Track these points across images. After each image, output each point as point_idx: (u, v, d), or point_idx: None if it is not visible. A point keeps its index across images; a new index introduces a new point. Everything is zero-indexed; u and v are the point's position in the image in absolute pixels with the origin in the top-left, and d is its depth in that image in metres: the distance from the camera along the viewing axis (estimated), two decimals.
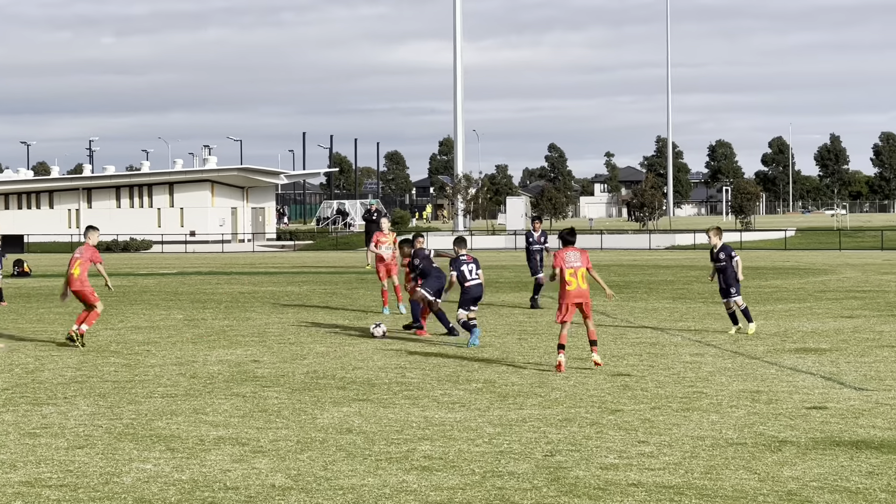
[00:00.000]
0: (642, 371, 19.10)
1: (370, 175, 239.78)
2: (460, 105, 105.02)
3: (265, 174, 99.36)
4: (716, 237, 24.89)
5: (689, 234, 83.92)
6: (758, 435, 13.79)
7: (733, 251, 24.94)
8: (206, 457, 12.76)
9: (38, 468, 12.26)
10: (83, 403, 16.25)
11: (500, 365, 19.96)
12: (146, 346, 23.00)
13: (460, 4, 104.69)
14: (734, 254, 24.85)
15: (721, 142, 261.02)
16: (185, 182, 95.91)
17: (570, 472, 12.02)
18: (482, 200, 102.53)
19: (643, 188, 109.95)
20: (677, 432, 14.00)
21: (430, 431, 14.14)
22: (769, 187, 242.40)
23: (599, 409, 15.58)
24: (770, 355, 21.00)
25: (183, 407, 15.94)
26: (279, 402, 16.31)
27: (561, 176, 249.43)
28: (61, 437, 13.91)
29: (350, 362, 20.33)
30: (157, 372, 19.35)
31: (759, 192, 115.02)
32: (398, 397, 16.64)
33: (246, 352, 21.87)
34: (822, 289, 37.18)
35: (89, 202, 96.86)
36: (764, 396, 16.49)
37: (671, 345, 22.62)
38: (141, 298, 35.19)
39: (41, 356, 21.42)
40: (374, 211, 55.47)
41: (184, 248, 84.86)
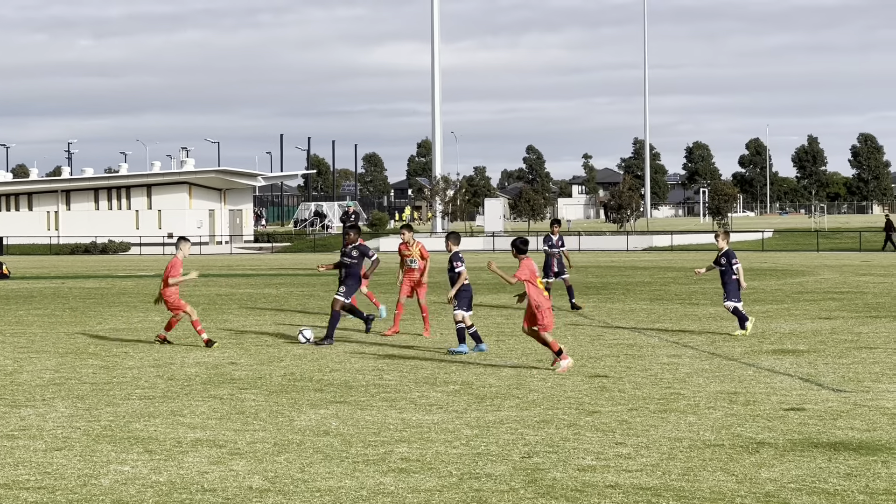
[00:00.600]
0: (620, 372, 19.14)
1: (348, 177, 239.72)
2: (438, 107, 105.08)
3: (243, 176, 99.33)
4: (723, 241, 25.16)
5: (667, 235, 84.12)
6: (735, 436, 13.83)
7: (734, 257, 25.08)
8: (183, 459, 12.75)
9: (15, 470, 12.23)
10: (61, 405, 16.22)
11: (477, 367, 19.97)
12: (124, 347, 22.96)
13: (438, 6, 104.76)
14: (735, 260, 25.01)
15: (698, 143, 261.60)
16: (162, 184, 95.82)
17: (548, 473, 12.04)
18: (460, 202, 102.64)
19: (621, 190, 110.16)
20: (655, 434, 14.03)
21: (407, 433, 14.15)
22: (746, 189, 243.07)
23: (577, 411, 15.61)
24: (748, 356, 21.07)
25: (161, 409, 15.92)
26: (256, 404, 16.30)
27: (539, 178, 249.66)
28: (39, 438, 13.88)
29: (327, 364, 20.33)
30: (135, 374, 19.32)
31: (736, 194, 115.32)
32: (375, 399, 16.65)
33: (223, 354, 21.85)
34: (800, 290, 37.32)
35: (68, 204, 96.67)
36: (741, 398, 16.54)
37: (648, 346, 22.67)
38: (119, 300, 35.12)
39: (20, 358, 21.36)
40: (352, 213, 55.46)
41: (162, 250, 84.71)
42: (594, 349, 22.23)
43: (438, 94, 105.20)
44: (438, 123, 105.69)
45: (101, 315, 30.05)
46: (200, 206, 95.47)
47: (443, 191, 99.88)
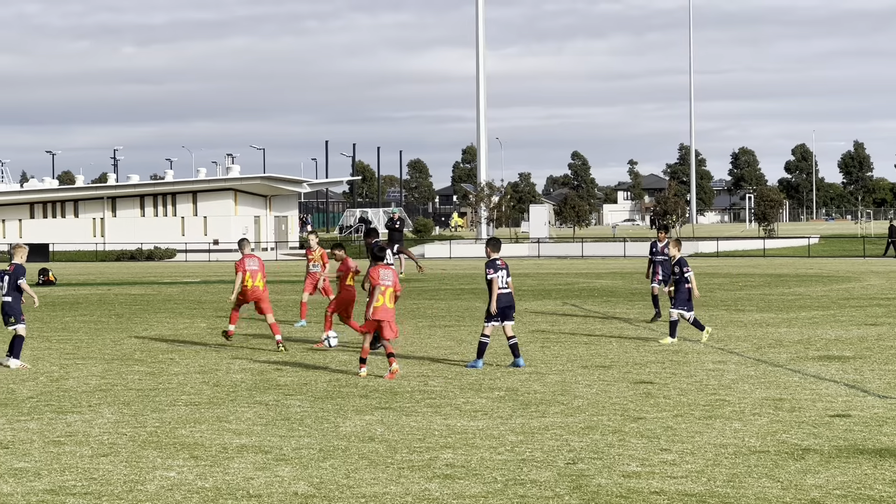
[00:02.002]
0: (665, 379, 19.09)
1: (393, 183, 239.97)
2: (483, 113, 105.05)
3: (288, 182, 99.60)
4: (675, 249, 24.83)
5: (713, 241, 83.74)
6: (781, 443, 13.77)
7: (687, 266, 24.61)
8: (229, 464, 12.81)
9: (62, 476, 12.32)
10: (107, 411, 16.32)
11: (522, 373, 19.96)
12: (170, 354, 23.07)
13: (483, 12, 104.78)
14: (687, 269, 24.57)
15: (744, 149, 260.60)
16: (208, 191, 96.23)
17: (593, 480, 12.02)
18: (505, 208, 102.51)
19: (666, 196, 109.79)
20: (700, 440, 13.99)
21: (452, 439, 14.16)
22: (792, 194, 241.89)
23: (622, 417, 15.58)
24: (793, 363, 20.96)
25: (206, 415, 15.99)
26: (302, 410, 16.35)
27: (584, 184, 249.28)
28: (86, 445, 13.97)
29: (372, 370, 20.35)
30: (181, 380, 19.41)
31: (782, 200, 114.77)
32: (420, 405, 16.66)
33: (269, 360, 21.92)
34: (846, 296, 37.09)
35: (114, 211, 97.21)
36: (787, 404, 16.46)
37: (693, 352, 22.59)
38: (165, 307, 35.30)
39: (66, 364, 21.50)
40: (397, 219, 55.53)
41: (207, 257, 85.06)
42: (639, 355, 22.17)
43: (483, 101, 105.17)
44: (483, 129, 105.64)
45: (146, 321, 30.21)
46: (246, 212, 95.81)
47: (488, 197, 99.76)
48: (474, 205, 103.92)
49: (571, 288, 43.34)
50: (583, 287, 43.83)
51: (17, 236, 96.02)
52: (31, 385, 18.94)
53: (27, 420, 15.69)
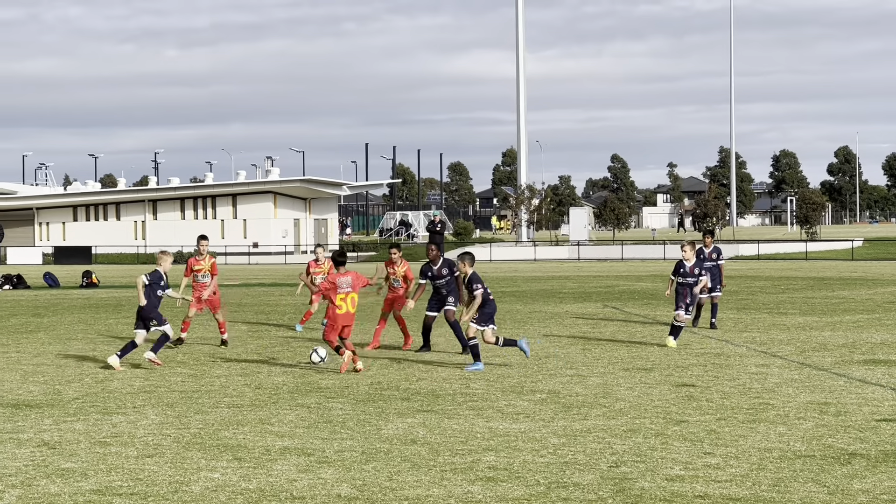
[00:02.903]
0: (707, 382, 19.02)
1: (433, 186, 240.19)
2: (523, 115, 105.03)
3: (328, 185, 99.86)
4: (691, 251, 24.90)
5: (753, 244, 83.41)
6: (826, 447, 13.70)
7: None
8: (272, 467, 12.84)
9: (108, 476, 12.39)
10: (152, 413, 16.40)
11: (564, 375, 19.93)
12: (211, 356, 23.15)
13: (522, 14, 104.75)
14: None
15: (785, 151, 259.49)
16: (248, 193, 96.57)
17: (636, 483, 11.99)
18: (545, 211, 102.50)
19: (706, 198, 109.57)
20: (744, 444, 13.93)
21: (494, 442, 14.15)
22: (835, 197, 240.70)
23: (664, 420, 15.53)
24: (838, 367, 20.85)
25: (249, 417, 16.04)
26: (344, 412, 16.38)
27: (624, 186, 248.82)
28: (131, 445, 14.04)
29: (414, 373, 20.37)
30: (223, 382, 19.48)
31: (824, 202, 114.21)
32: (462, 408, 16.66)
33: (310, 363, 21.93)
34: (892, 300, 36.86)
35: (155, 214, 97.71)
36: (832, 408, 16.37)
37: (736, 355, 22.50)
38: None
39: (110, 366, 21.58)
40: (438, 222, 55.54)
41: (247, 260, 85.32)
42: (681, 358, 22.10)
43: (523, 103, 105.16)
44: (523, 132, 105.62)
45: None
46: (285, 215, 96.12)
47: (528, 200, 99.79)
48: (514, 207, 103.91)
49: (612, 290, 43.27)
50: (623, 289, 43.75)
51: (60, 239, 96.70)
52: (77, 386, 19.05)
53: (73, 421, 15.79)
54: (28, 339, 26.40)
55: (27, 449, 13.88)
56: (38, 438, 14.54)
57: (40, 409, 16.83)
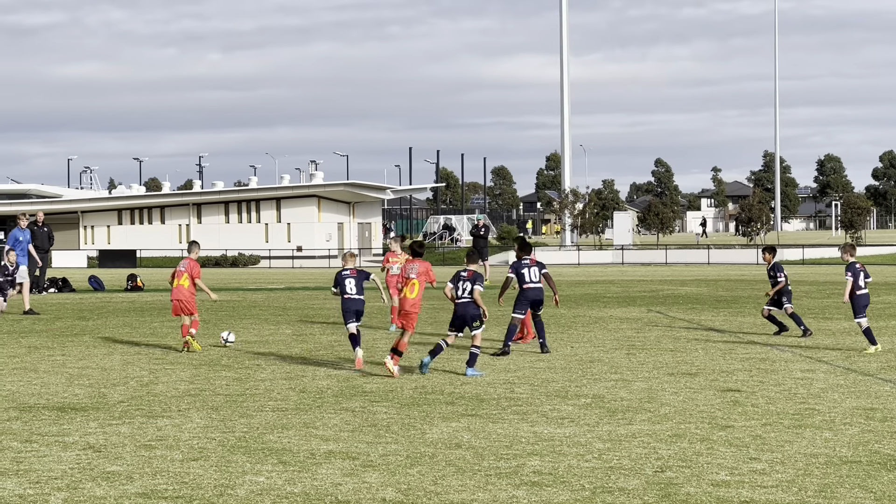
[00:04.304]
0: (752, 387, 18.94)
1: (477, 190, 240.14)
2: (567, 119, 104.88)
3: (371, 189, 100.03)
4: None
5: (798, 248, 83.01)
6: (873, 453, 13.61)
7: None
8: (317, 470, 12.87)
9: (154, 480, 12.45)
10: (196, 416, 16.46)
11: (608, 380, 19.89)
12: (256, 360, 23.23)
13: (566, 18, 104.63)
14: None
15: (830, 156, 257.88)
16: (292, 197, 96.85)
17: (681, 488, 11.95)
18: (589, 215, 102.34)
19: (750, 203, 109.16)
20: (790, 449, 13.86)
21: (539, 447, 14.13)
22: (880, 202, 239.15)
23: (709, 425, 15.47)
24: (884, 372, 20.71)
25: (293, 421, 16.08)
26: (388, 416, 16.39)
27: (667, 191, 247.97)
28: (176, 449, 14.11)
29: (458, 377, 20.37)
30: (268, 386, 19.54)
31: (869, 207, 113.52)
32: (507, 412, 16.65)
33: (354, 367, 21.97)
34: None
35: (199, 217, 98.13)
36: (878, 414, 16.27)
37: (781, 360, 22.39)
38: (250, 313, 35.54)
39: (155, 369, 21.72)
40: (482, 226, 55.51)
41: (291, 264, 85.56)
42: (726, 363, 22.01)
43: (567, 107, 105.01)
44: (567, 136, 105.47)
45: (232, 327, 30.40)
46: (329, 219, 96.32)
47: (572, 204, 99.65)
48: (558, 212, 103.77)
49: (656, 295, 43.13)
50: (667, 294, 43.60)
51: (104, 242, 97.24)
52: (122, 389, 19.16)
53: (119, 424, 15.87)
54: (73, 343, 26.56)
55: (73, 452, 13.97)
56: (84, 441, 14.63)
57: (85, 412, 16.93)
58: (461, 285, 21.01)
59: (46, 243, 43.76)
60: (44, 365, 22.48)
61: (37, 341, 26.89)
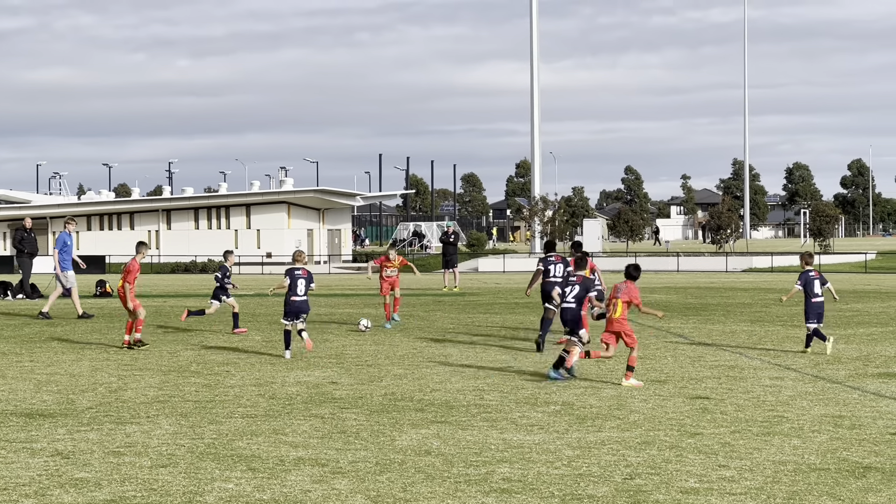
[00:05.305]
0: (721, 394, 19.00)
1: (446, 197, 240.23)
2: (537, 127, 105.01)
3: (341, 196, 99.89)
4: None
5: (767, 256, 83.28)
6: (841, 461, 13.67)
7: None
8: (286, 477, 12.85)
9: (122, 486, 12.40)
10: (165, 423, 16.41)
11: (578, 387, 19.92)
12: (226, 366, 23.17)
13: (537, 25, 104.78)
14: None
15: (798, 164, 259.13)
16: (261, 204, 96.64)
17: (650, 495, 11.98)
18: (559, 223, 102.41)
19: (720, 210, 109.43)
20: (758, 457, 13.91)
21: (508, 454, 14.14)
22: (848, 210, 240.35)
23: (678, 433, 15.52)
24: (852, 380, 20.81)
25: (263, 427, 16.05)
26: (358, 423, 16.38)
27: (637, 198, 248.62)
28: (145, 455, 14.06)
29: (428, 384, 20.37)
30: (237, 392, 19.50)
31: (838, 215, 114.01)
32: (476, 419, 16.66)
33: (324, 373, 21.98)
34: None
35: (168, 223, 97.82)
36: (847, 422, 16.34)
37: (750, 368, 22.46)
38: (220, 319, 35.44)
39: (124, 376, 21.65)
40: (451, 233, 55.52)
41: (260, 270, 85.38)
42: (695, 370, 22.08)
43: (537, 114, 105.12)
44: (537, 143, 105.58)
45: (201, 334, 30.36)
46: (299, 225, 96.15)
47: (541, 211, 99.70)
48: (528, 219, 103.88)
49: None
50: None
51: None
52: (91, 395, 19.08)
53: (87, 430, 15.81)
54: (41, 349, 26.45)
55: (41, 458, 13.91)
56: (52, 448, 14.57)
57: (54, 418, 16.86)
58: (568, 290, 21.90)
59: (35, 249, 44.29)
60: (12, 371, 22.37)
61: (4, 347, 26.78)
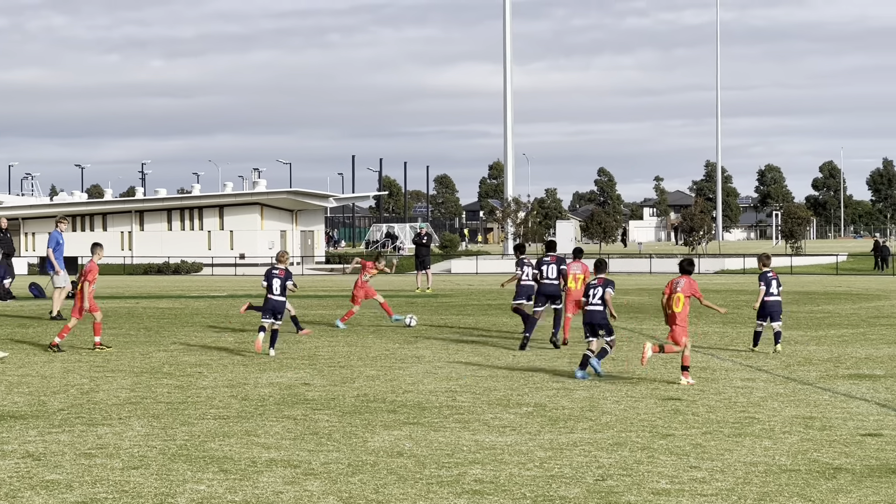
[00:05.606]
0: (693, 395, 19.05)
1: (419, 198, 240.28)
2: (510, 128, 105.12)
3: (314, 197, 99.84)
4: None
5: (739, 258, 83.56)
6: (812, 462, 13.73)
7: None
8: (258, 478, 12.83)
9: (93, 488, 12.37)
10: (137, 424, 16.37)
11: (550, 389, 19.95)
12: (198, 367, 23.13)
13: (510, 27, 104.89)
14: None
15: (770, 166, 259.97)
16: (234, 205, 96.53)
17: (622, 496, 12.01)
18: (532, 224, 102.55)
19: (692, 212, 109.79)
20: (730, 458, 13.96)
21: (480, 455, 14.16)
22: (820, 212, 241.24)
23: (650, 434, 15.56)
24: (823, 381, 20.90)
25: (235, 429, 16.03)
26: (330, 424, 16.38)
27: (610, 200, 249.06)
28: (116, 457, 14.02)
29: (400, 386, 20.38)
30: (210, 394, 19.46)
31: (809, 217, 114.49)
32: (449, 421, 16.67)
33: (296, 375, 21.96)
34: (876, 314, 36.94)
35: (141, 225, 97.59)
36: (817, 423, 16.41)
37: (722, 369, 22.53)
38: (192, 320, 35.39)
39: (96, 377, 21.58)
40: (424, 234, 55.54)
41: (234, 271, 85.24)
42: (667, 372, 22.13)
43: (510, 116, 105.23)
44: (510, 145, 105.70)
45: (174, 335, 30.30)
46: (272, 226, 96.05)
47: (514, 213, 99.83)
48: (501, 220, 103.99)
49: None
50: None
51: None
52: (62, 397, 19.02)
53: (58, 432, 15.76)
54: (13, 350, 26.35)
55: (11, 461, 13.85)
56: (23, 450, 14.51)
57: (25, 420, 16.80)
58: (591, 292, 21.87)
59: (11, 249, 44.16)
60: None
61: None
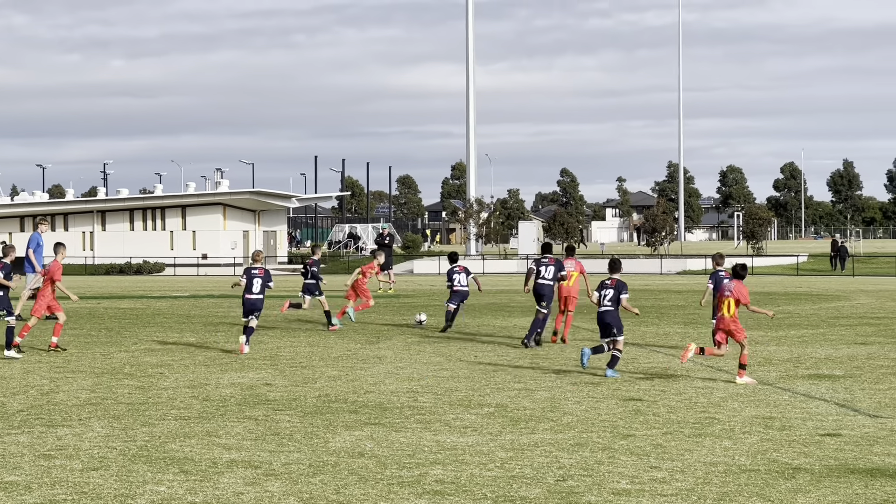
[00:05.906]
0: (654, 396, 19.11)
1: (382, 199, 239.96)
2: (473, 129, 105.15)
3: (277, 197, 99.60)
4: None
5: (701, 259, 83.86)
6: (771, 462, 13.80)
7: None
8: (219, 479, 12.81)
9: (52, 490, 12.31)
10: (98, 425, 16.30)
11: (511, 389, 19.97)
12: (159, 368, 23.06)
13: (472, 28, 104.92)
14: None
15: (732, 167, 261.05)
16: (197, 205, 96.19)
17: (583, 497, 12.04)
18: (494, 225, 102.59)
19: (654, 213, 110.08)
20: (690, 458, 14.01)
21: (441, 456, 14.17)
22: (781, 213, 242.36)
23: (611, 434, 15.60)
24: (783, 381, 21.00)
25: (196, 429, 15.98)
26: (291, 425, 16.35)
27: (573, 200, 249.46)
28: (76, 458, 13.96)
29: (362, 386, 20.37)
30: (171, 394, 19.40)
31: (770, 218, 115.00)
32: (410, 421, 16.67)
33: (258, 375, 21.92)
34: (836, 315, 37.15)
35: (103, 225, 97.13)
36: (777, 423, 16.49)
37: (682, 370, 22.61)
38: (154, 321, 35.28)
39: (56, 378, 21.48)
40: (387, 235, 55.50)
41: (196, 271, 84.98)
42: (628, 372, 22.19)
43: (473, 117, 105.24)
44: (473, 146, 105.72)
45: (136, 335, 30.19)
46: (235, 227, 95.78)
47: (477, 213, 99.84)
48: (463, 221, 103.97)
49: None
50: None
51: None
52: (22, 398, 18.92)
53: (17, 433, 15.68)
54: None
55: None
56: None
57: None
58: (603, 293, 21.91)
59: None
60: None
61: None
